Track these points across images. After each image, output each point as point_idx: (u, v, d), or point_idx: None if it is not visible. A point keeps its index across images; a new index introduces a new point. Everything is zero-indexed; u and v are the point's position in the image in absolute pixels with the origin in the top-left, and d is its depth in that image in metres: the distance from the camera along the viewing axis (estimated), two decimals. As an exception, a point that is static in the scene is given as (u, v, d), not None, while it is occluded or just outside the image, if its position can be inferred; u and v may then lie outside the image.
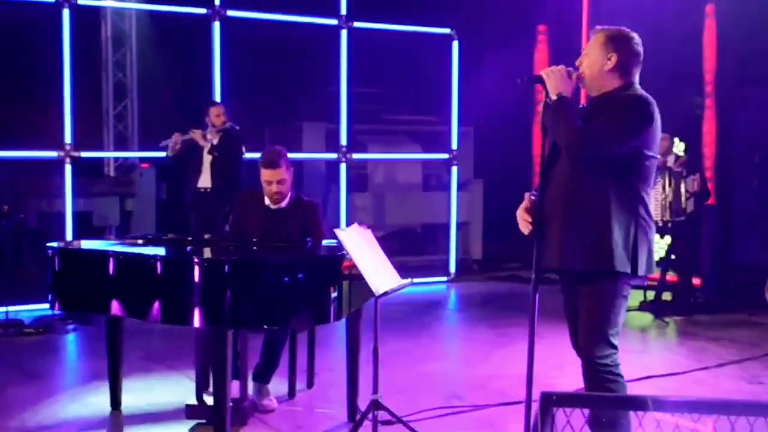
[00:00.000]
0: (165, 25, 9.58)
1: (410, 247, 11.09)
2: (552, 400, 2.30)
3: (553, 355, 6.69)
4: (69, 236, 8.33)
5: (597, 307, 3.80)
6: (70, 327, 7.61)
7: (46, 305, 7.85)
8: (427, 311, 8.63)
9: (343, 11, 9.70)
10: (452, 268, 10.43)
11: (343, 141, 9.82)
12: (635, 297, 8.74)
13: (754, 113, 10.16)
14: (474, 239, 11.40)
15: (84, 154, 8.65)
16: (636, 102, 3.75)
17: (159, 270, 4.34)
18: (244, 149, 8.18)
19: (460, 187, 10.77)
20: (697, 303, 8.45)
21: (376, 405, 4.37)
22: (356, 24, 9.74)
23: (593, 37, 3.93)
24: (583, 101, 4.25)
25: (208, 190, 8.05)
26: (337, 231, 4.34)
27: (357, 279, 4.61)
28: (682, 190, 8.30)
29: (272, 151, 5.40)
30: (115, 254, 4.48)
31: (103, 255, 4.51)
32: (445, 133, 10.78)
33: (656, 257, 10.28)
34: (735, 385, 5.90)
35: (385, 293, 4.28)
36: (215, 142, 8.06)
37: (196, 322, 4.29)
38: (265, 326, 4.60)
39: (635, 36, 3.92)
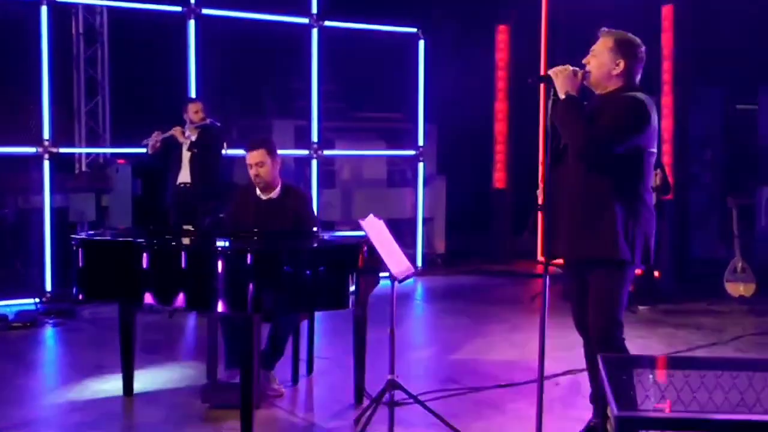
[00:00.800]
0: (137, 22, 9.67)
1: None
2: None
3: (531, 342, 7.03)
4: (48, 232, 8.43)
5: (607, 291, 4.14)
6: (50, 321, 7.68)
7: (29, 300, 8.07)
8: (399, 303, 8.85)
9: (314, 10, 9.91)
10: (419, 262, 10.71)
11: (315, 138, 10.03)
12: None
13: (705, 112, 10.63)
14: (437, 234, 11.68)
15: (62, 150, 8.74)
16: (633, 105, 4.08)
17: (187, 259, 4.55)
18: (225, 145, 8.36)
19: (424, 183, 11.06)
20: (659, 294, 8.82)
21: (392, 385, 4.63)
22: (327, 23, 9.95)
23: (601, 39, 4.24)
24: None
25: (188, 185, 8.18)
26: (360, 221, 4.60)
27: (369, 270, 4.89)
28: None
29: (256, 137, 5.73)
30: (146, 245, 4.66)
31: (133, 246, 4.69)
32: (410, 130, 11.06)
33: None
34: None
35: (405, 278, 4.54)
36: (193, 138, 8.21)
37: (221, 308, 4.50)
38: (291, 311, 4.80)
39: (640, 42, 4.26)
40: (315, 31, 9.92)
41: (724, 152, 10.86)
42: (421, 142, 10.70)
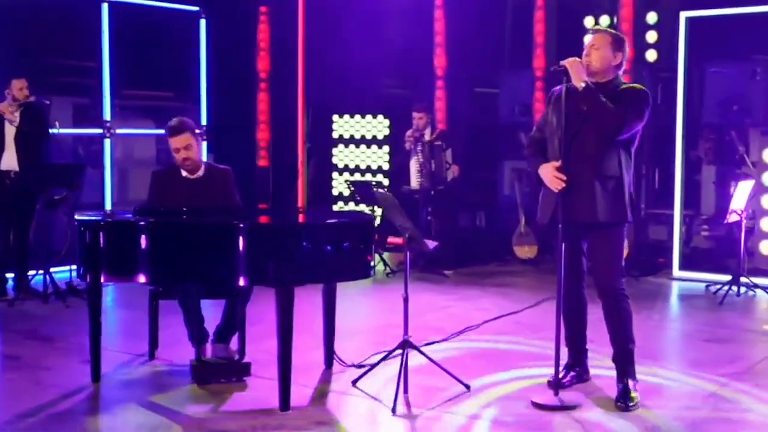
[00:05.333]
0: None
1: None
2: None
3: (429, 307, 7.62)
4: None
5: (614, 247, 4.98)
6: None
7: None
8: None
9: (104, -15, 9.66)
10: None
11: (107, 116, 9.80)
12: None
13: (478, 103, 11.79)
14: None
15: None
16: (645, 94, 4.96)
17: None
18: (57, 124, 8.04)
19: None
20: (454, 258, 9.71)
21: (407, 344, 5.07)
22: (116, -1, 9.75)
23: (599, 35, 4.98)
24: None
25: (13, 172, 7.82)
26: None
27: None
28: (443, 162, 9.55)
29: (175, 119, 5.78)
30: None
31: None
32: (179, 108, 11.10)
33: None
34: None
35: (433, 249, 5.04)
36: (16, 115, 7.84)
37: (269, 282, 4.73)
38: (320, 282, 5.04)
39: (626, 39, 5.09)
40: (105, 7, 9.67)
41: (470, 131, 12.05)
42: (204, 121, 10.81)
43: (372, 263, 5.06)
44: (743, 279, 7.97)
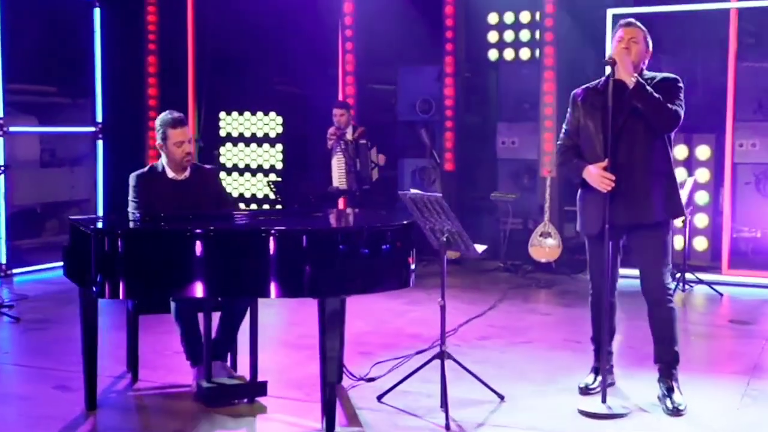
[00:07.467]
0: None
1: (30, 229, 10.36)
2: None
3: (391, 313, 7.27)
4: None
5: (665, 246, 4.80)
6: None
7: None
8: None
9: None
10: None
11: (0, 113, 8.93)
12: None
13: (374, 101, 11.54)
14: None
15: None
16: (680, 80, 4.81)
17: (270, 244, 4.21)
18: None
19: (78, 162, 10.49)
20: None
21: (445, 355, 4.75)
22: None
23: (633, 29, 4.81)
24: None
25: None
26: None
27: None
28: (369, 160, 9.20)
29: (174, 112, 5.31)
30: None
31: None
32: (72, 104, 10.36)
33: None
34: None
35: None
36: None
37: (308, 292, 4.27)
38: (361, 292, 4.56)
39: None
40: (-2, -4, 8.81)
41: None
42: (99, 118, 10.05)
43: (413, 270, 4.69)
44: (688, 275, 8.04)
